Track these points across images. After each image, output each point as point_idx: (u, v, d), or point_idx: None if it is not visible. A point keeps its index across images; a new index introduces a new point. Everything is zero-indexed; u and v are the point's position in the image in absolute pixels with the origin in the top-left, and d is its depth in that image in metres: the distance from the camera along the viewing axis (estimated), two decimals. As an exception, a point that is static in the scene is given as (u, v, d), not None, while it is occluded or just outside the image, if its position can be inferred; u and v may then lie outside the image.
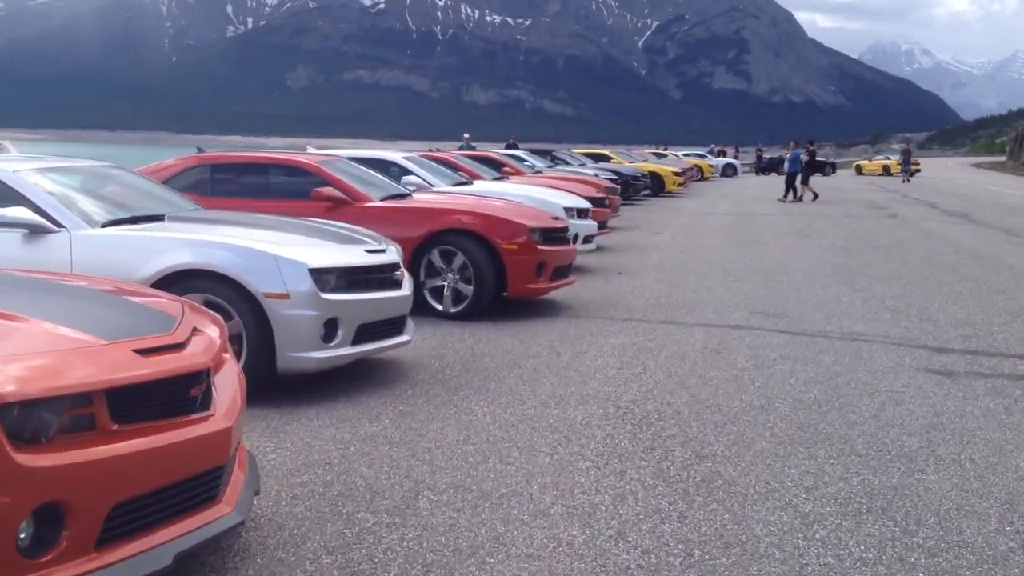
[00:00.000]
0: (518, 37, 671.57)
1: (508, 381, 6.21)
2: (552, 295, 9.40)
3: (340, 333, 5.55)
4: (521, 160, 21.40)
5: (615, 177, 23.49)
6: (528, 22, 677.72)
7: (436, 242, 8.24)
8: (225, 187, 8.49)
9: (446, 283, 8.29)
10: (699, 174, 43.96)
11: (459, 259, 8.20)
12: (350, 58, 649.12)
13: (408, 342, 6.18)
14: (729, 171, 52.62)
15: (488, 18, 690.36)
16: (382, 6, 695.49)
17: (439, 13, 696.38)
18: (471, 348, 7.20)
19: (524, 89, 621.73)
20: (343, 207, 8.27)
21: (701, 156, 53.03)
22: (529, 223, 8.42)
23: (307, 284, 5.37)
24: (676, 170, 32.60)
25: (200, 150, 9.17)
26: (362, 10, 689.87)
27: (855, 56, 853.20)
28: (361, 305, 5.66)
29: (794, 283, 11.00)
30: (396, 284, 6.06)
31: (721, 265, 12.60)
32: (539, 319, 8.44)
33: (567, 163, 25.50)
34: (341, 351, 5.58)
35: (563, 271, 8.90)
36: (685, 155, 51.60)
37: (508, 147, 27.79)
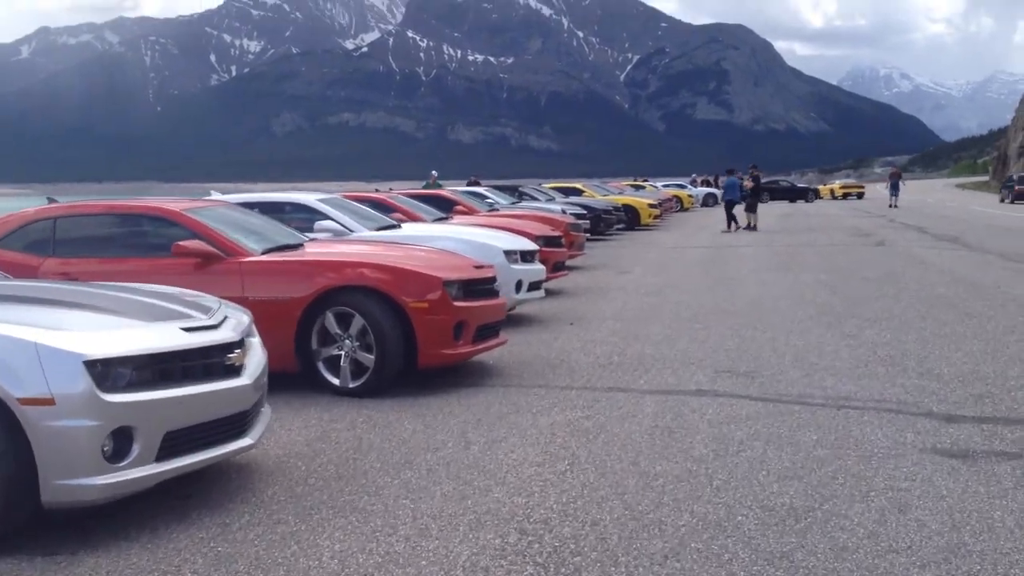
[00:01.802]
0: (501, 75, 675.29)
1: (389, 492, 4.70)
2: (482, 356, 7.91)
3: (136, 447, 4.05)
4: (483, 197, 20.04)
5: (584, 212, 22.15)
6: (510, 60, 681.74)
7: (330, 302, 6.75)
8: (70, 246, 7.00)
9: (343, 352, 6.79)
10: (679, 205, 42.69)
11: (358, 322, 6.71)
12: (334, 102, 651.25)
13: (250, 447, 4.66)
14: (711, 200, 51.28)
15: (471, 57, 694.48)
16: (365, 49, 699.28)
17: (421, 54, 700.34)
18: (359, 439, 5.68)
19: (509, 126, 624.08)
20: (213, 264, 6.79)
21: (681, 187, 51.79)
22: (444, 275, 6.94)
23: (81, 382, 3.87)
24: (652, 202, 31.25)
25: (51, 200, 7.68)
26: (345, 54, 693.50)
27: (835, 82, 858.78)
28: (169, 405, 4.16)
29: (770, 328, 9.53)
30: (231, 371, 4.55)
31: (690, 308, 11.12)
32: (458, 391, 6.94)
33: (534, 199, 24.13)
34: (138, 472, 4.06)
35: (490, 330, 7.41)
36: (665, 186, 50.39)
37: (469, 184, 26.48)
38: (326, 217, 9.76)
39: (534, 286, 10.22)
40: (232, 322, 4.80)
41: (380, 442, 5.61)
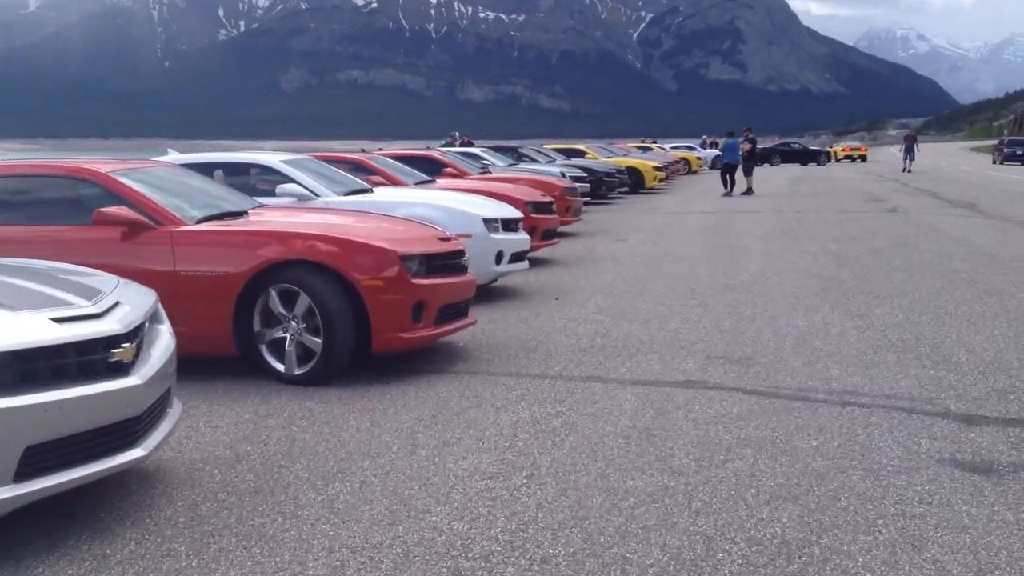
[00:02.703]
0: (512, 33, 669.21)
1: (309, 513, 3.98)
2: (451, 337, 7.17)
3: (-16, 465, 3.32)
4: (478, 159, 19.22)
5: (584, 175, 21.30)
6: (522, 18, 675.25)
7: (273, 278, 5.99)
8: (-17, 211, 6.24)
9: (288, 335, 6.05)
10: (686, 167, 41.72)
11: (304, 301, 5.96)
12: (343, 58, 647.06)
13: (142, 459, 3.93)
14: (719, 163, 50.18)
15: (481, 15, 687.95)
16: (374, 5, 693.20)
17: (432, 11, 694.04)
18: (291, 440, 4.96)
19: (519, 85, 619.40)
20: (141, 233, 6.03)
21: (690, 148, 50.69)
22: (402, 248, 6.17)
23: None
24: (657, 164, 30.31)
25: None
26: (355, 10, 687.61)
27: (850, 43, 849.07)
28: (31, 413, 3.43)
29: (771, 306, 8.75)
30: (116, 370, 3.81)
31: (686, 281, 10.34)
32: (416, 379, 6.21)
33: (534, 160, 23.27)
34: (-12, 495, 3.34)
35: (456, 310, 6.65)
36: (673, 147, 49.32)
37: (462, 145, 25.62)
38: (290, 180, 8.98)
39: (517, 257, 9.44)
40: (124, 309, 4.05)
41: (315, 444, 4.89)
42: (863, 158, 63.86)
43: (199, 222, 6.23)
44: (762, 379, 6.10)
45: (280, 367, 6.08)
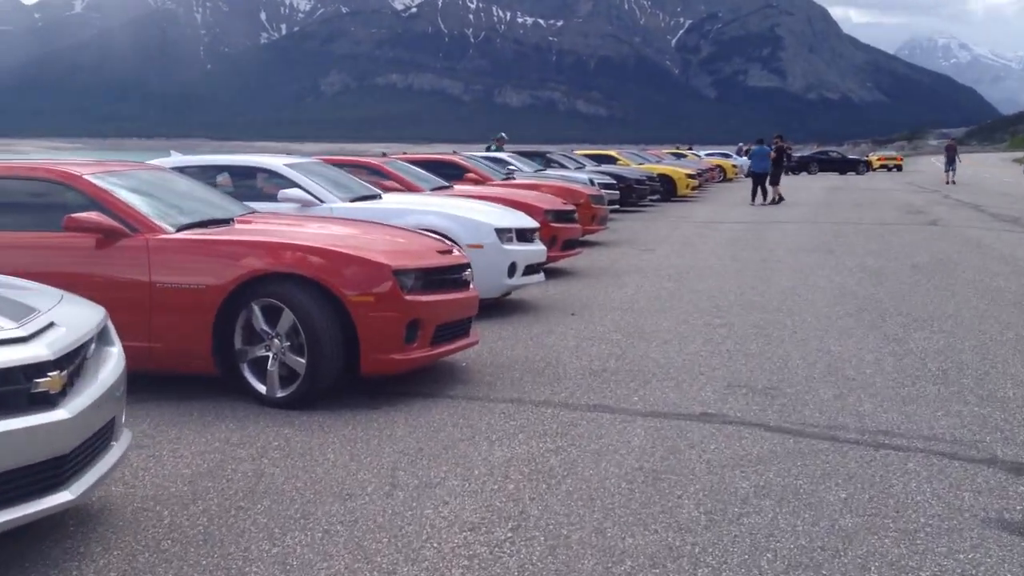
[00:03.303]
0: (550, 38, 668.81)
1: (257, 570, 3.49)
2: (453, 356, 6.67)
3: None
4: (504, 164, 18.73)
5: (614, 182, 20.76)
6: (560, 23, 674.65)
7: (255, 292, 5.53)
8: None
9: (271, 354, 5.58)
10: (721, 175, 40.99)
11: (288, 318, 5.48)
12: (383, 62, 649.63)
13: (70, 503, 3.45)
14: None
15: (520, 20, 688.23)
16: (414, 10, 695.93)
17: (471, 16, 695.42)
18: (259, 476, 4.48)
19: (557, 90, 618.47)
20: (115, 241, 5.59)
21: (726, 156, 49.91)
22: (396, 262, 5.69)
23: None
24: (690, 172, 29.66)
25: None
26: (394, 14, 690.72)
27: (891, 52, 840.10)
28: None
29: (802, 328, 8.17)
30: (41, 402, 3.35)
31: (712, 298, 9.77)
32: (408, 403, 5.71)
33: (563, 166, 22.76)
34: None
35: (456, 329, 6.15)
36: (708, 155, 48.58)
37: (487, 149, 25.14)
38: (294, 184, 8.53)
39: (532, 269, 8.93)
40: (58, 332, 3.58)
41: (283, 481, 4.40)
42: (899, 167, 63.52)
43: (179, 230, 5.78)
44: (787, 413, 5.54)
45: (262, 388, 5.62)
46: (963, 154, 53.24)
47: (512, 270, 8.60)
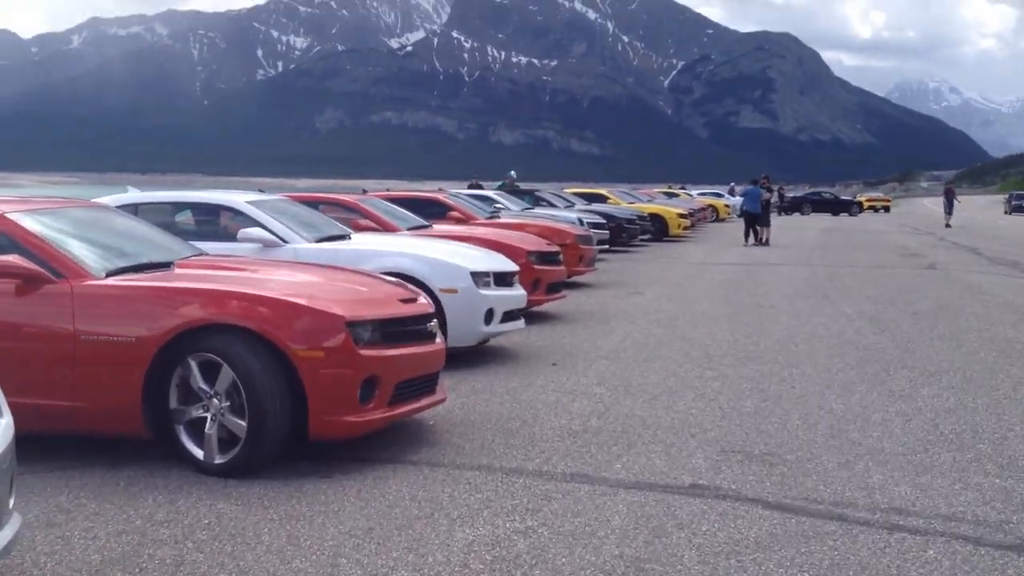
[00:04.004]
0: (544, 78, 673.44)
1: None
2: (417, 414, 6.06)
3: None
4: (492, 202, 18.23)
5: (603, 221, 20.26)
6: (554, 63, 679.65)
7: (191, 346, 4.93)
8: None
9: (210, 415, 4.97)
10: (714, 215, 40.61)
11: (227, 375, 4.88)
12: (378, 100, 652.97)
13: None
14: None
15: (514, 59, 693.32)
16: (410, 49, 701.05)
17: (465, 55, 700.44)
18: (176, 565, 3.85)
19: (551, 129, 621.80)
20: (38, 287, 5.00)
21: (718, 195, 49.60)
22: (350, 312, 5.09)
23: None
24: (682, 211, 29.21)
25: None
26: (390, 53, 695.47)
27: (882, 94, 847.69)
28: None
29: (800, 382, 7.59)
30: None
31: (704, 347, 9.18)
32: (363, 471, 5.09)
33: (553, 204, 22.27)
34: None
35: (420, 386, 5.55)
36: (700, 194, 48.25)
37: (470, 187, 24.73)
38: (255, 223, 7.96)
39: (511, 315, 8.34)
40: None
41: (205, 571, 3.78)
42: (886, 208, 64.54)
43: (109, 275, 5.18)
44: (788, 486, 4.94)
45: (199, 453, 5.00)
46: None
47: (489, 317, 8.01)
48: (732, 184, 61.30)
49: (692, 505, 4.62)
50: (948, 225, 38.67)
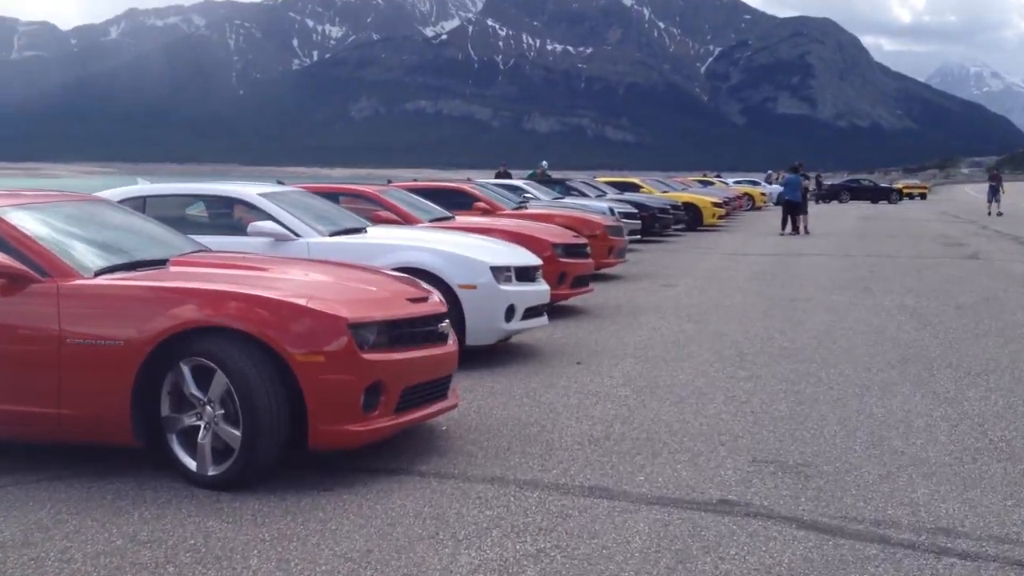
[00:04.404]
0: (579, 65, 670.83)
1: None
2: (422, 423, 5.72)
3: None
4: (520, 191, 17.87)
5: (635, 211, 19.83)
6: (589, 50, 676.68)
7: (184, 350, 4.63)
8: None
9: (203, 423, 4.67)
10: (750, 203, 39.95)
11: (220, 381, 4.58)
12: (412, 88, 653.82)
13: None
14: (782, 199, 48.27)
15: (549, 47, 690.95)
16: (444, 37, 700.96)
17: (500, 43, 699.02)
18: (154, 590, 3.55)
19: (586, 117, 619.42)
20: (23, 287, 4.72)
21: (754, 183, 48.85)
22: (354, 314, 4.76)
23: None
24: (717, 200, 28.65)
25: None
26: (424, 41, 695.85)
27: (922, 80, 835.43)
28: None
29: (838, 383, 7.17)
30: None
31: (736, 344, 8.78)
32: (369, 483, 4.76)
33: (584, 194, 21.85)
34: None
35: (430, 391, 5.21)
36: (736, 182, 47.53)
37: (498, 175, 24.36)
38: (267, 216, 7.66)
39: (533, 312, 7.98)
40: None
41: (183, 599, 3.47)
42: (923, 196, 63.39)
43: (99, 273, 4.89)
44: (825, 502, 4.55)
45: (191, 464, 4.70)
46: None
47: (510, 313, 7.66)
48: (769, 172, 60.35)
49: (720, 524, 4.25)
50: (996, 214, 36.72)
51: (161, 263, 5.22)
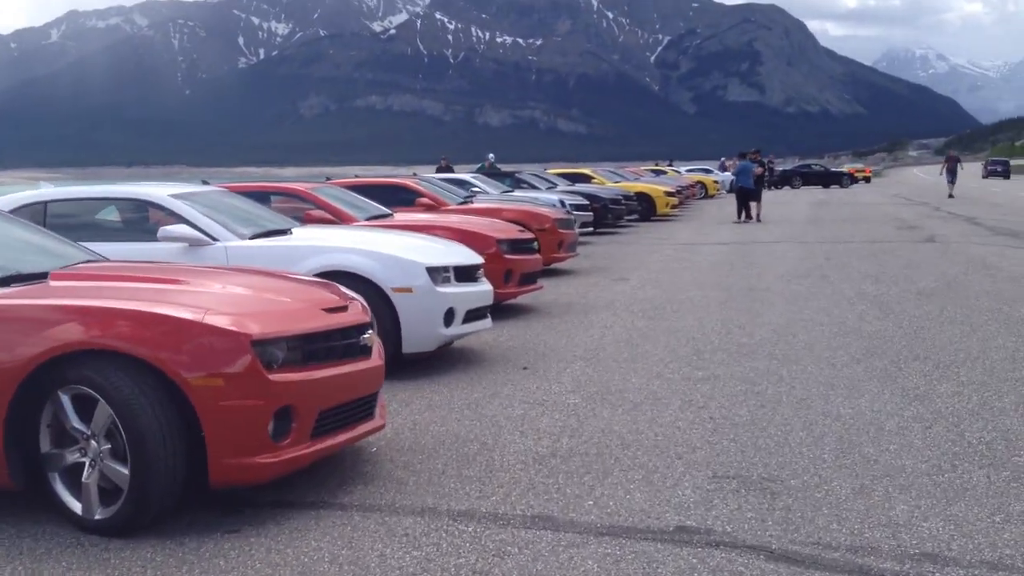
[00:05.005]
0: (529, 57, 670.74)
1: None
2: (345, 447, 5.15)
3: None
4: (468, 186, 17.31)
5: (587, 202, 19.35)
6: (539, 42, 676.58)
7: (62, 376, 4.02)
8: None
9: (88, 459, 4.07)
10: (703, 191, 39.70)
11: (104, 411, 3.97)
12: (362, 84, 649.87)
13: None
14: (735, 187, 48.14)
15: (499, 39, 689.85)
16: (393, 32, 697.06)
17: (450, 36, 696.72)
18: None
19: (537, 109, 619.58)
20: None
21: (707, 171, 48.65)
22: (258, 328, 4.17)
23: None
24: (669, 189, 28.28)
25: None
26: (373, 36, 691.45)
27: (869, 63, 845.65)
28: None
29: (801, 381, 6.70)
30: None
31: (692, 341, 8.29)
32: (282, 520, 4.19)
33: (534, 187, 21.33)
34: None
35: (352, 411, 4.64)
36: (689, 171, 47.32)
37: (439, 170, 23.79)
38: (180, 219, 7.02)
39: (475, 315, 7.42)
40: None
41: None
42: (867, 179, 64.20)
43: (-35, 292, 4.26)
44: (795, 524, 4.05)
45: (76, 507, 4.10)
46: (940, 164, 48.46)
47: (449, 318, 7.10)
48: (723, 160, 60.25)
49: (678, 558, 3.73)
50: (952, 196, 36.23)
51: (41, 276, 4.59)
